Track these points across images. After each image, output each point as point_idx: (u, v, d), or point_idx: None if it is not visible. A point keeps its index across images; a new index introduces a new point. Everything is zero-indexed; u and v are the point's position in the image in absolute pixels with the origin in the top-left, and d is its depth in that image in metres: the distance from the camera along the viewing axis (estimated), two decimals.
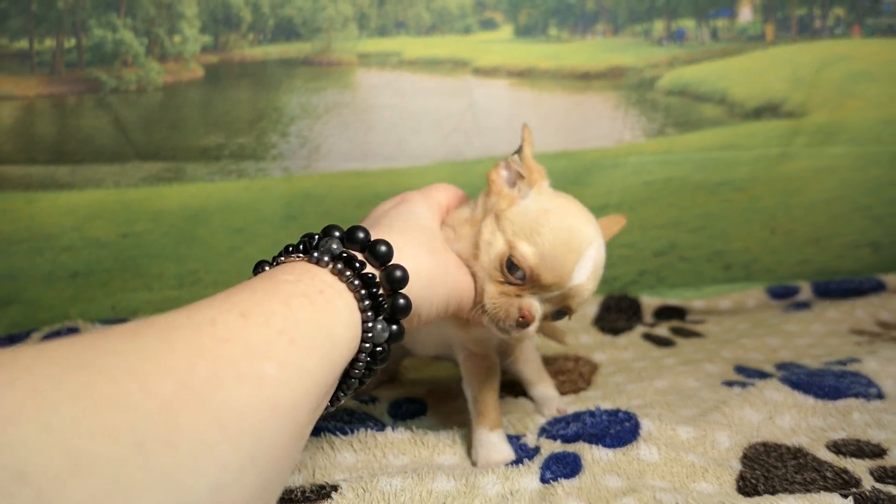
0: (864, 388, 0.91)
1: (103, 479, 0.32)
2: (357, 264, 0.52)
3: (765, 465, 0.75)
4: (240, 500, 0.39)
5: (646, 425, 0.79)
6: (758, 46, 1.25)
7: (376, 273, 0.54)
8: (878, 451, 0.78)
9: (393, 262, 0.56)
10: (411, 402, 0.92)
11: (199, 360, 0.39)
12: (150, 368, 0.37)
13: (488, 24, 1.16)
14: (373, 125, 1.12)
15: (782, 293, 1.30)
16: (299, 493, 0.65)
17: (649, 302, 1.27)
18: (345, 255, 0.52)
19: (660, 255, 1.29)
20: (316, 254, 0.52)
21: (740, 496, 0.69)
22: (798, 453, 0.78)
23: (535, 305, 0.64)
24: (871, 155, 1.32)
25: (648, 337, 1.17)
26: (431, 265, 0.61)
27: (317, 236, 0.55)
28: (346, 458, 0.75)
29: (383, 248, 0.55)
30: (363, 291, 0.51)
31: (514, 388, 0.95)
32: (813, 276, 1.34)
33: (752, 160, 1.27)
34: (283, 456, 0.43)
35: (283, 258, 0.55)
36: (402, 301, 0.55)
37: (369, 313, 0.51)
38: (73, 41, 1.04)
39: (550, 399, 0.90)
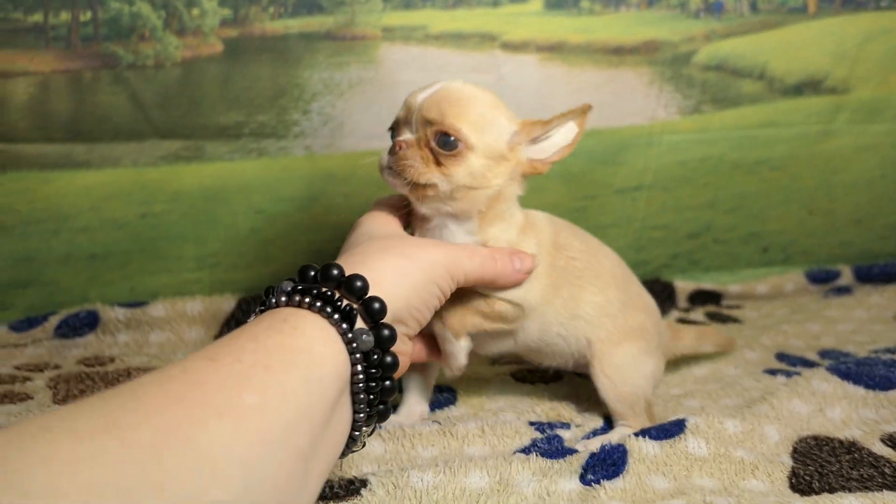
0: None
1: None
2: (313, 290, 0.52)
3: (817, 461, 0.71)
4: None
5: (692, 418, 0.75)
6: (799, 19, 1.19)
7: (330, 290, 0.53)
8: None
9: (347, 275, 0.55)
10: (440, 391, 0.89)
11: (173, 406, 0.40)
12: (124, 422, 0.38)
13: None
14: (398, 102, 1.06)
15: (822, 277, 1.26)
16: (328, 490, 0.62)
17: (683, 286, 1.23)
18: (298, 287, 0.53)
19: (694, 238, 1.25)
20: (273, 299, 0.53)
21: (795, 494, 0.65)
22: (852, 447, 0.74)
23: (403, 134, 0.70)
24: None
25: (683, 322, 1.13)
26: (392, 264, 0.60)
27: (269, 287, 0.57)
28: (374, 448, 0.72)
29: (335, 272, 0.55)
30: (328, 309, 0.51)
31: None
32: (854, 258, 1.29)
33: (791, 138, 1.22)
34: (285, 484, 0.43)
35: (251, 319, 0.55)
36: (376, 305, 0.54)
37: (344, 325, 0.51)
38: (88, 14, 1.00)
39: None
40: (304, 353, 0.48)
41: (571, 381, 0.91)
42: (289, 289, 0.53)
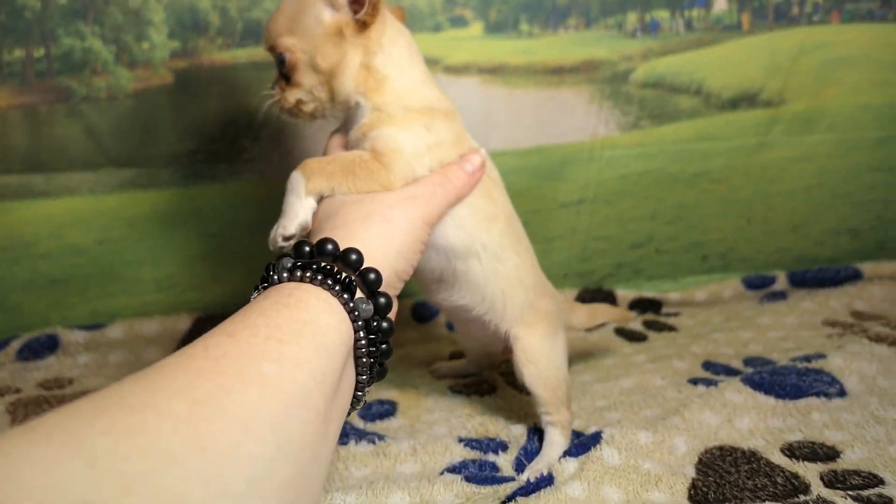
0: (826, 387, 0.92)
1: (150, 492, 0.37)
2: (313, 265, 0.57)
3: (718, 471, 0.76)
4: (277, 488, 0.43)
5: (608, 429, 0.81)
6: (734, 36, 1.24)
7: (328, 264, 0.58)
8: (831, 454, 0.79)
9: (342, 249, 0.60)
10: (381, 403, 0.94)
11: (199, 380, 0.44)
12: (160, 397, 0.42)
13: (458, 22, 1.16)
14: None
15: (758, 283, 1.31)
16: None
17: (625, 294, 1.28)
18: (298, 263, 0.58)
19: (637, 248, 1.30)
20: (275, 276, 0.57)
21: None
22: (752, 457, 0.79)
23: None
24: (850, 141, 1.31)
25: (621, 332, 1.19)
26: (377, 232, 0.65)
27: (270, 265, 0.60)
28: None
29: (330, 247, 0.59)
30: (328, 281, 0.56)
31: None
32: (791, 264, 1.34)
33: (728, 150, 1.27)
34: (310, 443, 0.48)
35: (254, 295, 0.59)
36: (372, 276, 0.59)
37: (345, 295, 0.56)
38: (42, 51, 1.04)
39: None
40: (311, 324, 0.52)
41: (503, 395, 0.97)
42: (289, 265, 0.57)
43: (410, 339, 1.16)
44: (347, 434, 0.84)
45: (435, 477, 0.75)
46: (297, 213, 0.70)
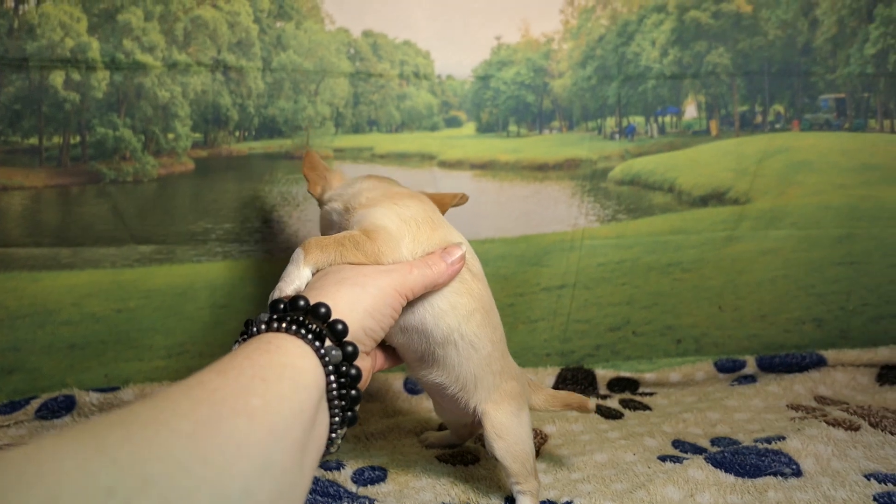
0: (783, 467, 1.00)
1: (166, 487, 0.44)
2: (287, 317, 0.65)
3: None
4: (265, 502, 0.51)
5: (578, 500, 0.89)
6: (703, 140, 1.37)
7: (300, 316, 0.65)
8: None
9: (312, 304, 0.67)
10: (373, 470, 1.01)
11: (199, 407, 0.51)
12: (168, 416, 0.49)
13: (453, 122, 1.29)
14: None
15: (729, 367, 1.40)
16: None
17: (604, 374, 1.36)
18: (274, 316, 0.65)
19: (615, 331, 1.39)
20: (254, 328, 0.65)
21: None
22: None
23: None
24: (812, 238, 1.42)
25: (598, 409, 1.27)
26: (347, 293, 0.71)
27: (248, 320, 0.68)
28: None
29: (301, 302, 0.67)
30: (302, 331, 0.63)
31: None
32: (760, 349, 1.43)
33: (699, 243, 1.38)
34: (290, 467, 0.54)
35: (234, 346, 0.67)
36: (339, 326, 0.66)
37: (317, 343, 0.63)
38: (78, 138, 1.16)
39: None
40: (290, 367, 0.59)
41: (485, 465, 1.04)
42: (266, 318, 0.64)
43: (401, 410, 1.24)
44: (341, 497, 0.91)
45: None
46: (294, 279, 0.77)
